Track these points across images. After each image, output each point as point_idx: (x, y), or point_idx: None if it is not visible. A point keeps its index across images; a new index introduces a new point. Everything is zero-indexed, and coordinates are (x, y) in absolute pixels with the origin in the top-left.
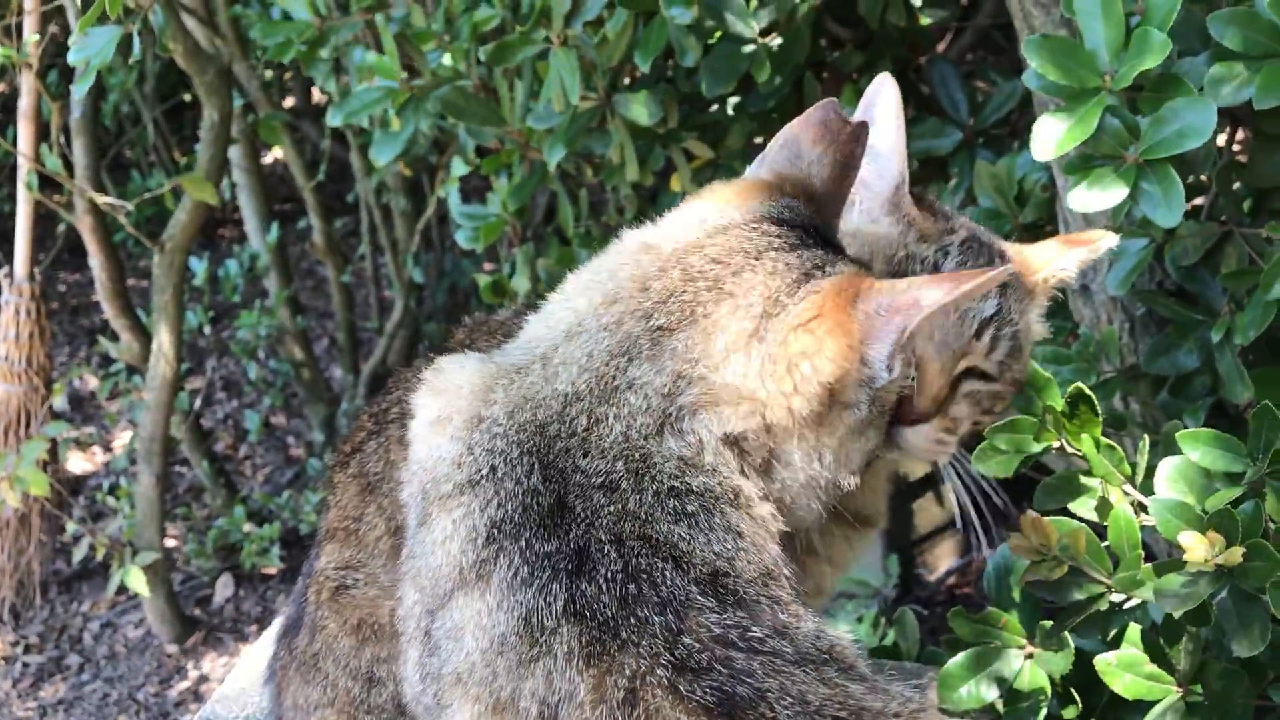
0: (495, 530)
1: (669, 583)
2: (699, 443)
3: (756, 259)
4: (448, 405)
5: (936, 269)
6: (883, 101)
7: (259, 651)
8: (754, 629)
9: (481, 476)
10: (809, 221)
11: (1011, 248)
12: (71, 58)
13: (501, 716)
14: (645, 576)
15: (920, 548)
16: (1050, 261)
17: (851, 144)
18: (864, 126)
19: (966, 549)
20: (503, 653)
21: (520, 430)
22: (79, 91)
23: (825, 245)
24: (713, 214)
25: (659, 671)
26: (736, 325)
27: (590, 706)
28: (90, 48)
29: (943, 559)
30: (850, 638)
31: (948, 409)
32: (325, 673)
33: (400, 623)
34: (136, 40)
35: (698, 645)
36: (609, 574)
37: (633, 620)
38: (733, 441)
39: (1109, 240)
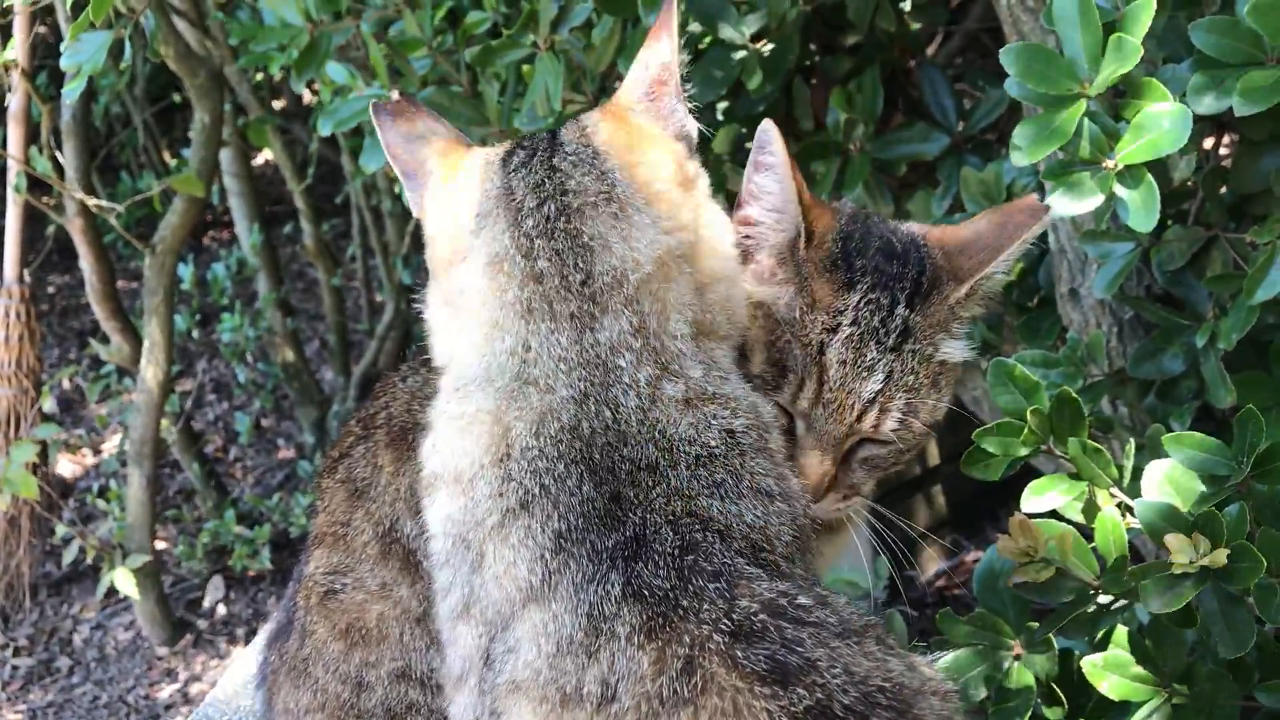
0: (562, 541)
1: (719, 554)
2: (679, 354)
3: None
4: (470, 465)
5: (822, 352)
6: (775, 149)
7: (250, 655)
8: (801, 598)
9: (533, 497)
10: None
11: (939, 253)
12: (64, 63)
13: (567, 708)
14: (700, 548)
15: (910, 549)
16: (978, 268)
17: None
18: None
19: (956, 550)
20: (570, 652)
21: (555, 444)
22: (70, 96)
23: None
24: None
25: (716, 639)
26: (604, 209)
27: (650, 680)
28: (82, 53)
29: (932, 561)
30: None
31: (840, 482)
32: (315, 677)
33: (455, 667)
34: (128, 45)
35: (752, 608)
36: (666, 550)
37: (690, 588)
38: (679, 314)
39: (1045, 217)
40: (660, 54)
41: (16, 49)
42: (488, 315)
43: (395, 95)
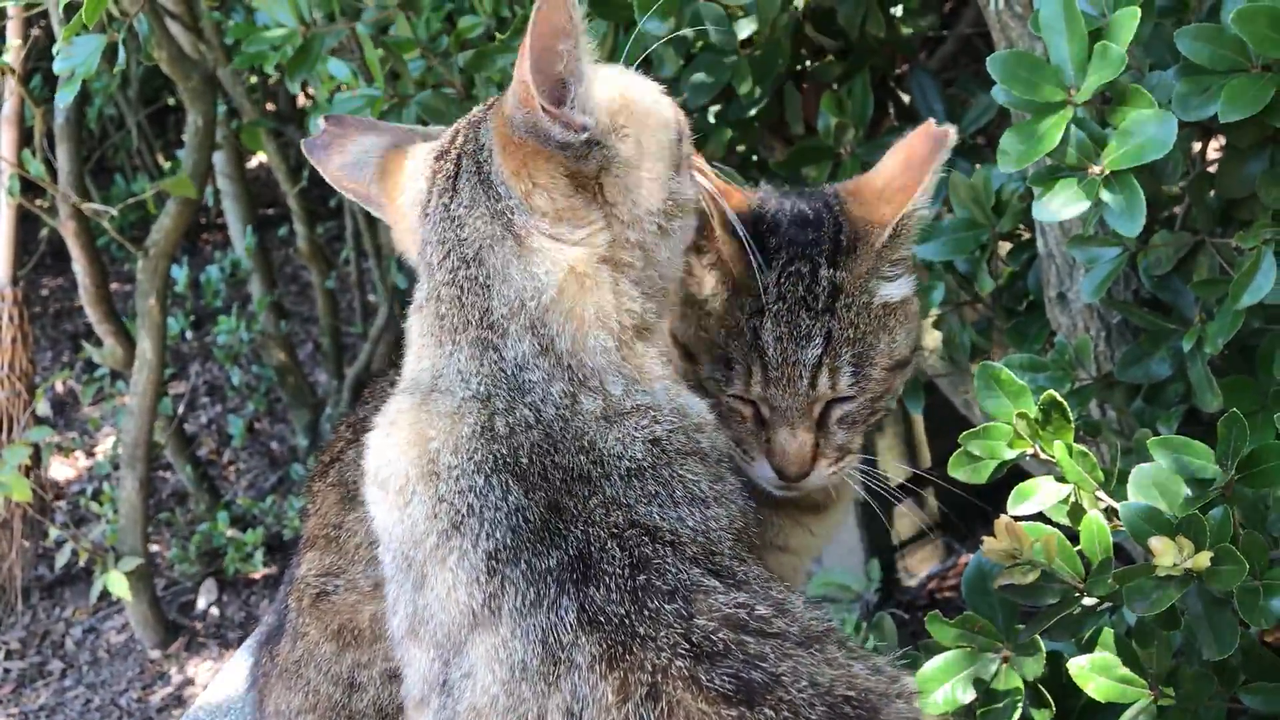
0: (493, 561)
1: (672, 569)
2: (597, 369)
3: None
4: (394, 474)
5: (757, 336)
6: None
7: (243, 659)
8: (759, 607)
9: (462, 517)
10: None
11: (851, 201)
12: (57, 66)
13: None
14: (651, 565)
15: (901, 552)
16: (896, 210)
17: None
18: None
19: (948, 554)
20: (525, 678)
21: (471, 456)
22: (64, 100)
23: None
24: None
25: (678, 663)
26: (500, 247)
27: (616, 708)
28: (75, 57)
29: (924, 564)
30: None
31: (825, 447)
32: (307, 679)
33: (414, 689)
34: (122, 49)
35: (711, 627)
36: (615, 571)
37: (646, 612)
38: (601, 326)
39: (949, 140)
40: (520, 71)
41: (10, 53)
42: (415, 345)
43: (321, 124)
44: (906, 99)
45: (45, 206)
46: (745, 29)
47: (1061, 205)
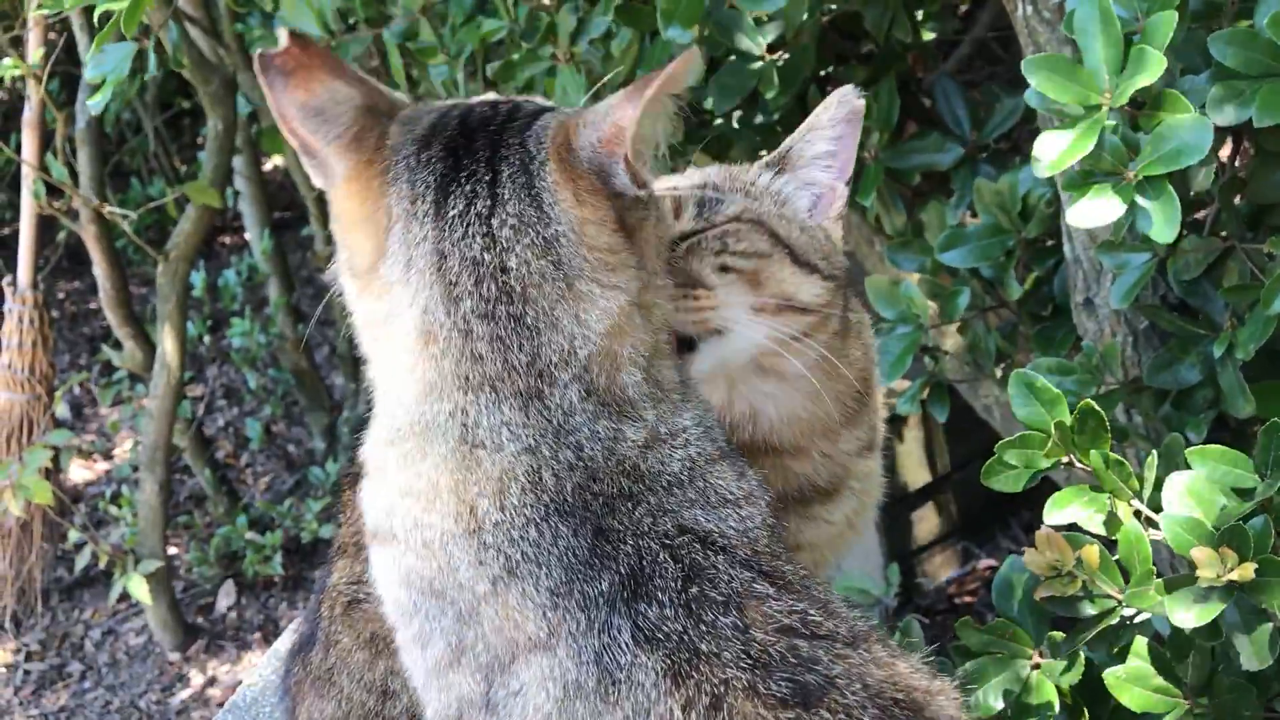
0: (556, 597)
1: (725, 576)
2: (632, 400)
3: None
4: (430, 534)
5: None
6: None
7: (269, 663)
8: (809, 610)
9: (516, 563)
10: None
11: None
12: (88, 74)
13: None
14: (704, 574)
15: (920, 557)
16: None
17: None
18: None
19: (966, 558)
20: (580, 695)
21: (520, 512)
22: (96, 107)
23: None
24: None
25: (739, 674)
26: (550, 288)
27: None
28: (106, 64)
29: (943, 568)
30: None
31: (699, 274)
32: (339, 686)
33: (449, 709)
34: (152, 56)
35: (769, 639)
36: (667, 585)
37: (703, 627)
38: (632, 362)
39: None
40: (621, 116)
41: (31, 58)
42: (421, 375)
43: (283, 39)
44: (928, 103)
45: (62, 209)
46: (771, 33)
47: (1096, 211)
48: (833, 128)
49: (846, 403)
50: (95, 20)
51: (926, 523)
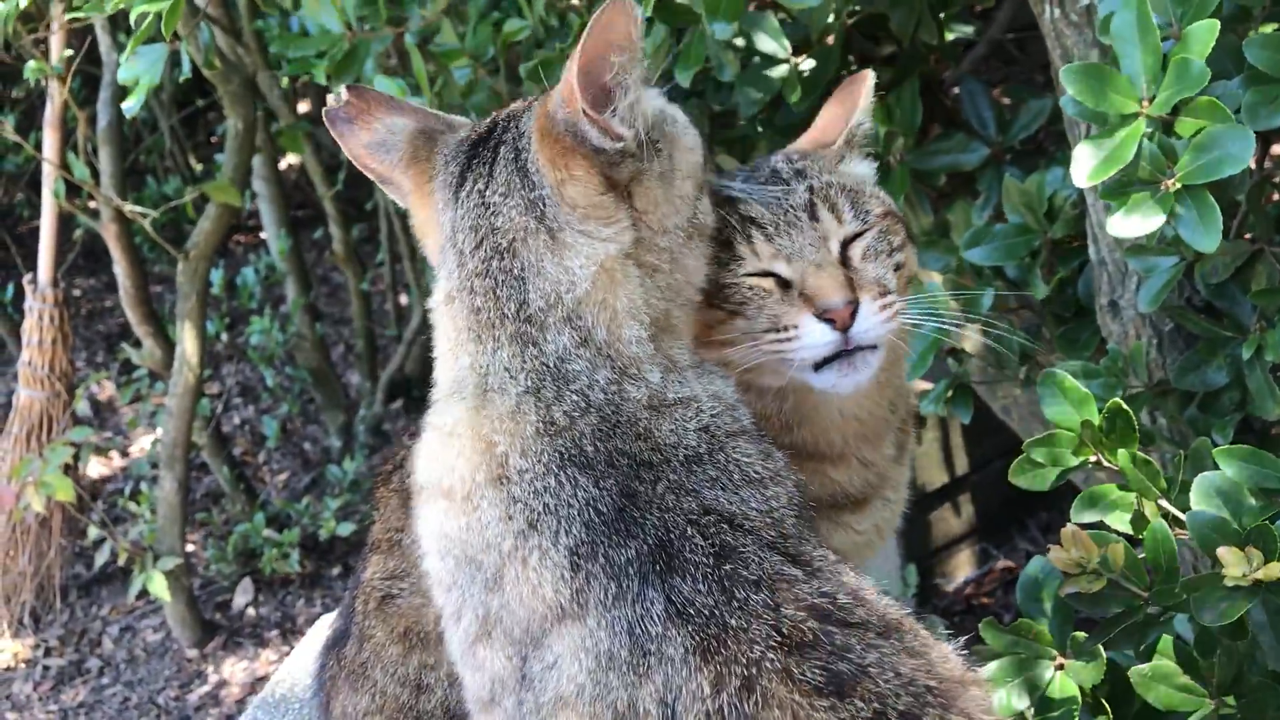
0: (575, 557)
1: (755, 557)
2: (635, 358)
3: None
4: (459, 481)
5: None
6: None
7: (298, 659)
8: (840, 596)
9: (537, 516)
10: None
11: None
12: (122, 75)
13: None
14: (735, 554)
15: (938, 558)
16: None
17: None
18: None
19: (984, 559)
20: (613, 667)
21: (539, 457)
22: (130, 110)
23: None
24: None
25: (770, 655)
26: (534, 240)
27: (710, 700)
28: (140, 66)
29: (960, 569)
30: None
31: (860, 279)
32: (374, 680)
33: (481, 690)
34: (185, 58)
35: (799, 617)
36: (699, 560)
37: (734, 603)
38: (632, 317)
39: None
40: (569, 73)
41: (55, 60)
42: (450, 338)
43: (344, 94)
44: (949, 104)
45: (79, 206)
46: (794, 36)
47: (1136, 220)
48: (868, 110)
49: (894, 399)
50: (132, 21)
51: (944, 524)
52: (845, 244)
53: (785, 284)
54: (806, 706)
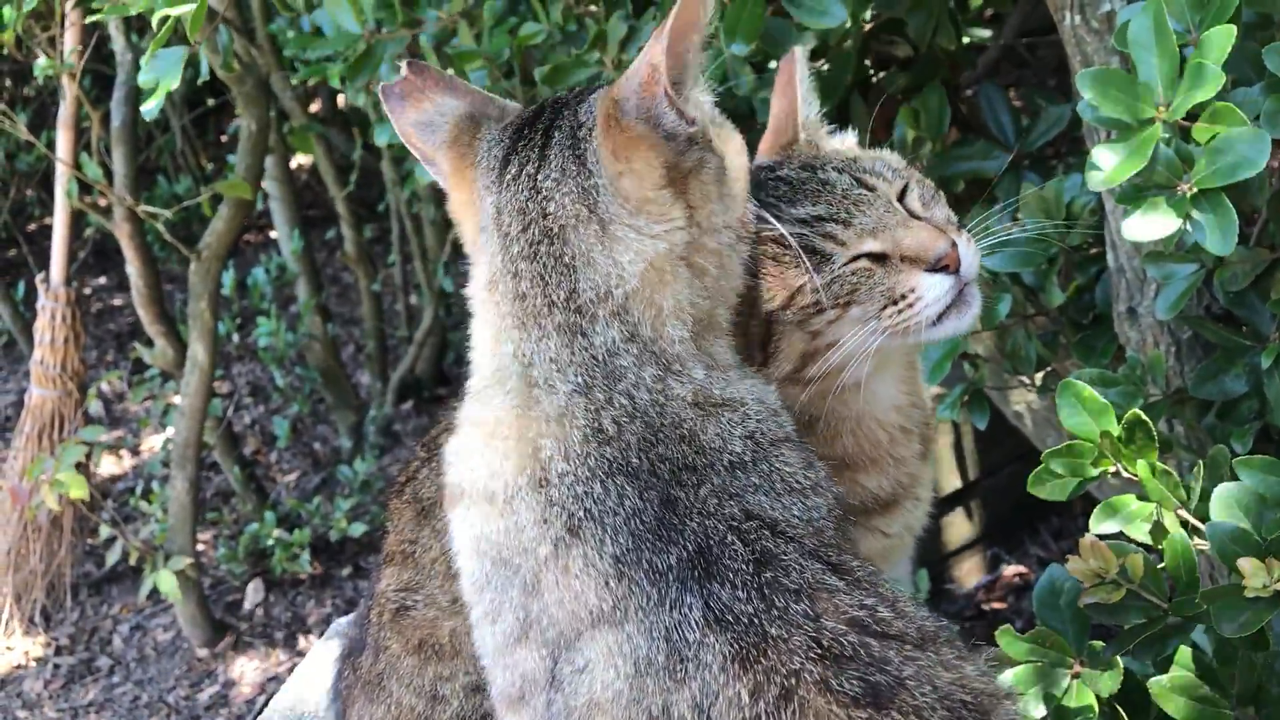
0: (620, 565)
1: (797, 565)
2: (679, 356)
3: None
4: (501, 484)
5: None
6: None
7: (311, 666)
8: (879, 608)
9: (579, 522)
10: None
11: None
12: (142, 78)
13: None
14: (776, 561)
15: (949, 563)
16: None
17: None
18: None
19: (995, 565)
20: (649, 672)
21: (585, 461)
22: (150, 113)
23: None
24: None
25: (810, 666)
26: (585, 229)
27: (749, 707)
28: (159, 68)
29: (971, 574)
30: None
31: (938, 224)
32: (390, 691)
33: (510, 688)
34: (204, 61)
35: (840, 629)
36: (739, 567)
37: (774, 612)
38: (677, 317)
39: (797, 52)
40: (652, 54)
41: (68, 56)
42: (492, 325)
43: (404, 69)
44: (965, 110)
45: (89, 204)
46: (812, 41)
47: (1151, 224)
48: (811, 93)
49: (918, 389)
50: (153, 24)
51: (955, 528)
52: (901, 195)
53: (879, 258)
54: (844, 717)
